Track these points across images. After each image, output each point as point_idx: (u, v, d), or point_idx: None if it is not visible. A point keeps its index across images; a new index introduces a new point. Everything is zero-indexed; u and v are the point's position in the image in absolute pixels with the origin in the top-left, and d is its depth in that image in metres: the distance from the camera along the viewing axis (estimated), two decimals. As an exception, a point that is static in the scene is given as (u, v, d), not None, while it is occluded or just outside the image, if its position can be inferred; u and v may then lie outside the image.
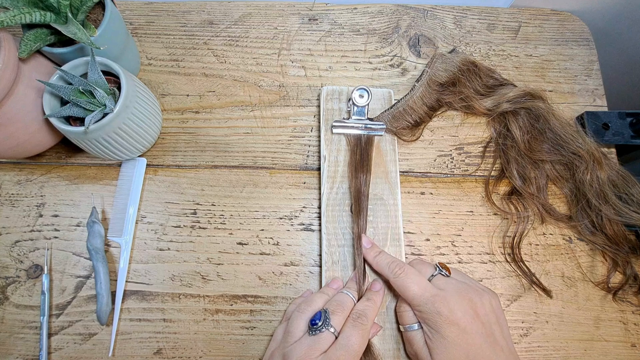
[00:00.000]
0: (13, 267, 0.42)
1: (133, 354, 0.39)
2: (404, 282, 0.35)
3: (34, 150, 0.42)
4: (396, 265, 0.37)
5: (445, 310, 0.33)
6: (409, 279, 0.35)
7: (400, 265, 0.36)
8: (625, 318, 0.41)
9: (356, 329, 0.33)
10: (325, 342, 0.32)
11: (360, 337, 0.33)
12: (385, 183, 0.44)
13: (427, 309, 0.33)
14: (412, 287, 0.35)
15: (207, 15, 0.53)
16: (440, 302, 0.33)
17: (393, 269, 0.36)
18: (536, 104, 0.45)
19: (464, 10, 0.54)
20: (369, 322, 0.34)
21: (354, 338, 0.32)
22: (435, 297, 0.34)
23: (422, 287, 0.35)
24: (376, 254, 0.39)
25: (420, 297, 0.34)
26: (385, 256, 0.38)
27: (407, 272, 0.36)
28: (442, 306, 0.33)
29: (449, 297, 0.33)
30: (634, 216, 0.41)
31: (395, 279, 0.36)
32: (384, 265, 0.37)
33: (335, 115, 0.46)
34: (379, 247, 0.41)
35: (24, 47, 0.36)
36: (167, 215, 0.44)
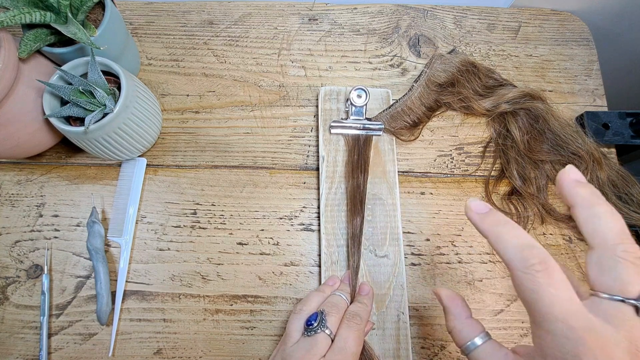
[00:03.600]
0: (13, 267, 0.42)
1: (133, 354, 0.39)
2: (538, 288, 0.22)
3: (34, 150, 0.42)
4: (536, 253, 0.23)
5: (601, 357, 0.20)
6: (551, 288, 0.22)
7: (543, 258, 0.22)
8: (625, 318, 0.41)
9: (351, 329, 0.33)
10: (322, 344, 0.32)
11: (356, 337, 0.32)
12: (384, 183, 0.44)
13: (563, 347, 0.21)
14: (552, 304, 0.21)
15: (207, 15, 0.53)
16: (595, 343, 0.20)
17: (528, 258, 0.22)
18: (535, 105, 0.45)
19: (464, 10, 0.54)
20: (363, 322, 0.34)
21: (350, 339, 0.32)
22: (588, 332, 0.21)
23: (572, 309, 0.21)
24: (498, 223, 0.25)
25: (560, 323, 0.21)
26: (517, 232, 0.24)
27: (551, 274, 0.22)
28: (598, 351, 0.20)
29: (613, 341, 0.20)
30: (634, 216, 0.41)
31: (526, 277, 0.22)
32: (512, 245, 0.23)
33: (333, 115, 0.46)
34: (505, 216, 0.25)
35: (24, 47, 0.36)
36: (167, 215, 0.44)
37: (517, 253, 0.23)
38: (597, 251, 0.23)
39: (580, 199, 0.24)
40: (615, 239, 0.22)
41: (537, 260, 0.22)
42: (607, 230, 0.22)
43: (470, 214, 0.27)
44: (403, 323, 0.39)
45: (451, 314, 0.29)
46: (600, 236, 0.23)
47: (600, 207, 0.23)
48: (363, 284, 0.39)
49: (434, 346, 0.40)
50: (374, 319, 0.39)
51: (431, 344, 0.40)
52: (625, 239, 0.22)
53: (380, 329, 0.39)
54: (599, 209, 0.23)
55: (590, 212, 0.23)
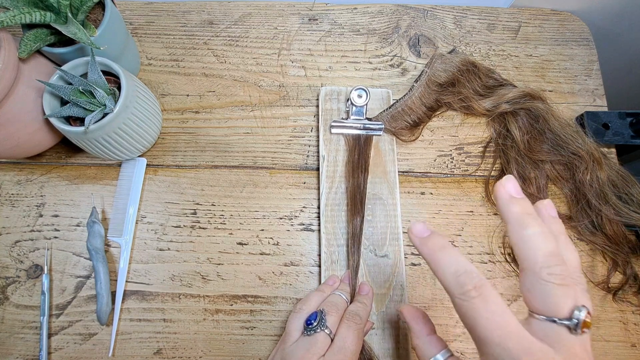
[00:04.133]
0: (13, 267, 0.42)
1: (133, 354, 0.39)
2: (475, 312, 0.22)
3: (34, 150, 0.42)
4: (470, 279, 0.23)
5: None
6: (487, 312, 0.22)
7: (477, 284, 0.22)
8: (625, 318, 0.41)
9: (351, 329, 0.33)
10: (321, 343, 0.32)
11: (356, 337, 0.32)
12: (384, 183, 0.44)
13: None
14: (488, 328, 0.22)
15: (207, 15, 0.53)
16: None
17: (464, 284, 0.23)
18: (535, 105, 0.45)
19: (464, 10, 0.54)
20: (362, 321, 0.34)
21: (349, 339, 0.32)
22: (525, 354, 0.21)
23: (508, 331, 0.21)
24: (438, 248, 0.25)
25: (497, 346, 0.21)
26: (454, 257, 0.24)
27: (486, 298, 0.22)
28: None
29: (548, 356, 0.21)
30: (634, 216, 0.41)
31: (462, 303, 0.23)
32: (448, 272, 0.24)
33: (334, 115, 0.46)
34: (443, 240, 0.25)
35: (24, 47, 0.36)
36: (167, 215, 0.44)
37: (454, 279, 0.23)
38: (526, 274, 0.23)
39: (513, 218, 0.23)
40: (542, 262, 0.22)
41: (472, 286, 0.22)
42: (535, 252, 0.22)
43: (412, 238, 0.26)
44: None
45: (413, 331, 0.29)
46: (528, 259, 0.23)
47: (530, 229, 0.23)
48: (363, 283, 0.39)
49: (434, 346, 0.40)
50: (374, 318, 0.39)
51: (431, 344, 0.40)
52: (552, 260, 0.22)
53: (380, 329, 0.39)
54: (529, 231, 0.23)
55: (520, 234, 0.23)
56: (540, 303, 0.22)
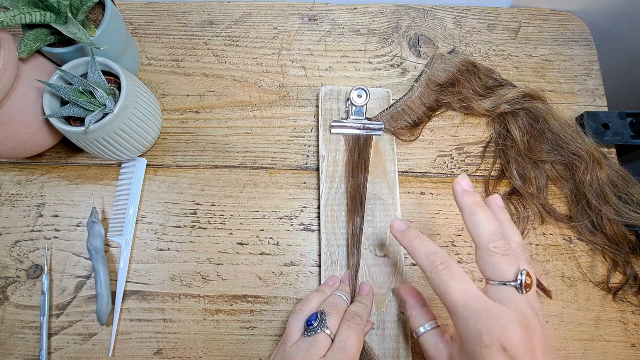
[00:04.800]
0: (13, 267, 0.42)
1: (133, 354, 0.39)
2: (443, 283, 0.28)
3: (34, 150, 0.42)
4: (438, 257, 0.29)
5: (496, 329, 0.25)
6: (453, 281, 0.28)
7: (443, 260, 0.29)
8: (625, 318, 0.41)
9: (351, 329, 0.33)
10: (322, 344, 0.32)
11: (356, 338, 0.32)
12: (384, 182, 0.44)
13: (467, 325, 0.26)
14: (454, 294, 0.27)
15: (207, 15, 0.53)
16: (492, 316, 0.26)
17: (433, 261, 0.29)
18: (535, 105, 0.45)
19: (464, 10, 0.54)
20: (363, 322, 0.34)
21: (350, 339, 0.32)
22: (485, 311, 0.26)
23: (469, 295, 0.27)
24: (413, 237, 0.32)
25: (464, 308, 0.27)
26: (425, 242, 0.31)
27: (451, 271, 0.28)
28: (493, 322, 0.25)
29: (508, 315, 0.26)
30: (634, 216, 0.41)
31: (433, 276, 0.29)
32: (421, 253, 0.30)
33: (333, 115, 0.46)
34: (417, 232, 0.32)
35: (24, 47, 0.36)
36: (167, 215, 0.44)
37: (426, 258, 0.30)
38: (478, 250, 0.29)
39: (466, 207, 0.30)
40: (487, 238, 0.28)
41: (439, 262, 0.29)
42: (482, 232, 0.29)
43: (393, 232, 0.34)
44: (403, 323, 0.39)
45: (408, 303, 0.35)
46: (478, 237, 0.29)
47: (479, 214, 0.29)
48: (363, 283, 0.39)
49: (434, 346, 0.40)
50: (374, 318, 0.39)
51: (431, 344, 0.40)
52: (495, 237, 0.28)
53: (380, 329, 0.39)
54: (478, 216, 0.29)
55: (472, 219, 0.29)
56: (490, 271, 0.28)
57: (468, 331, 0.26)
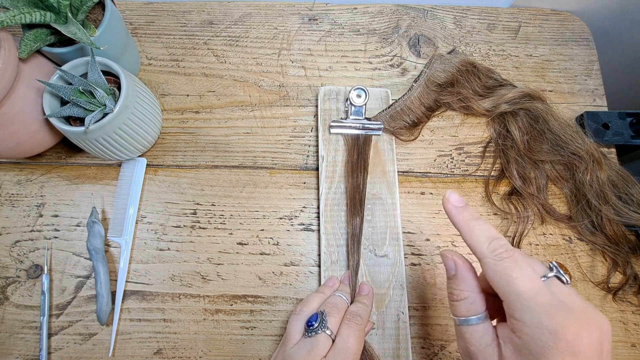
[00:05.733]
0: (13, 267, 0.42)
1: (133, 354, 0.39)
2: (508, 268, 0.25)
3: (34, 150, 0.42)
4: (502, 243, 0.27)
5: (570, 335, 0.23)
6: (518, 268, 0.25)
7: (508, 247, 0.27)
8: (625, 318, 0.41)
9: (352, 329, 0.33)
10: (323, 345, 0.32)
11: (357, 337, 0.32)
12: (383, 182, 0.44)
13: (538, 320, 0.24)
14: (521, 282, 0.25)
15: (207, 15, 0.53)
16: (564, 316, 0.23)
17: (496, 248, 0.27)
18: (535, 105, 0.45)
19: (464, 10, 0.54)
20: (363, 322, 0.34)
21: (351, 339, 0.32)
22: (554, 307, 0.24)
23: (537, 287, 0.25)
24: (472, 218, 0.29)
25: (531, 300, 0.24)
26: (485, 226, 0.28)
27: (516, 258, 0.26)
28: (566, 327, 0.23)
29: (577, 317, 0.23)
30: (634, 216, 0.41)
31: (496, 263, 0.26)
32: (481, 238, 0.28)
33: (333, 115, 0.46)
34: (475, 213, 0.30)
35: (24, 47, 0.36)
36: (167, 215, 0.44)
37: (487, 244, 0.27)
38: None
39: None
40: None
41: (504, 249, 0.27)
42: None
43: (448, 206, 0.30)
44: (403, 323, 0.39)
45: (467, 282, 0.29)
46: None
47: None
48: (363, 283, 0.39)
49: (434, 346, 0.40)
50: (374, 318, 0.39)
51: (431, 344, 0.40)
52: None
53: (380, 329, 0.39)
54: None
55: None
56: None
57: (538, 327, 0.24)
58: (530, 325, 0.24)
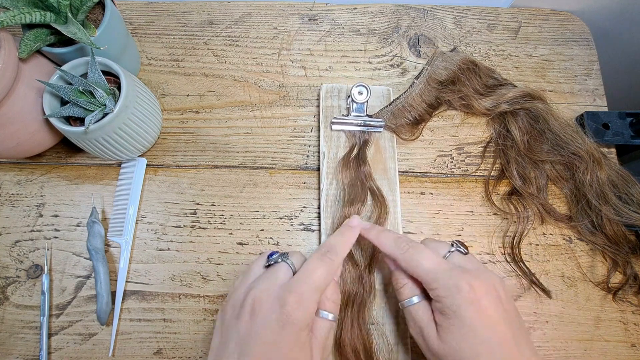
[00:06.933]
0: (13, 267, 0.42)
1: (133, 354, 0.39)
2: (413, 256, 0.32)
3: (34, 150, 0.42)
4: (404, 240, 0.33)
5: (466, 286, 0.29)
6: (420, 253, 0.32)
7: (408, 241, 0.33)
8: (625, 318, 0.41)
9: (323, 262, 0.31)
10: (283, 273, 0.31)
11: (326, 271, 0.30)
12: (384, 179, 0.44)
13: (444, 283, 0.30)
14: (424, 261, 0.31)
15: (207, 15, 0.53)
16: (460, 276, 0.30)
17: (400, 244, 0.33)
18: (535, 105, 0.45)
19: (464, 10, 0.54)
20: (338, 258, 0.32)
21: (318, 271, 0.30)
22: (453, 270, 0.30)
23: (437, 261, 0.31)
24: (379, 231, 0.35)
25: (435, 270, 0.31)
26: (390, 233, 0.35)
27: (416, 247, 0.32)
28: (462, 281, 0.29)
29: (471, 273, 0.30)
30: (634, 216, 0.41)
31: (403, 255, 0.32)
32: (390, 242, 0.34)
33: (334, 112, 0.46)
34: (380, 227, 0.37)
35: (24, 47, 0.36)
36: (167, 215, 0.44)
37: (394, 244, 0.33)
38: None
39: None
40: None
41: (405, 243, 0.33)
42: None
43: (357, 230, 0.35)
44: (402, 319, 0.39)
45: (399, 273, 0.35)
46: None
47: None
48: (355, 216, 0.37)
49: (434, 346, 0.40)
50: (374, 314, 0.39)
51: (431, 344, 0.40)
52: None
53: (379, 324, 0.39)
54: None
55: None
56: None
57: (446, 288, 0.30)
58: (441, 287, 0.30)
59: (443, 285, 0.30)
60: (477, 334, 0.28)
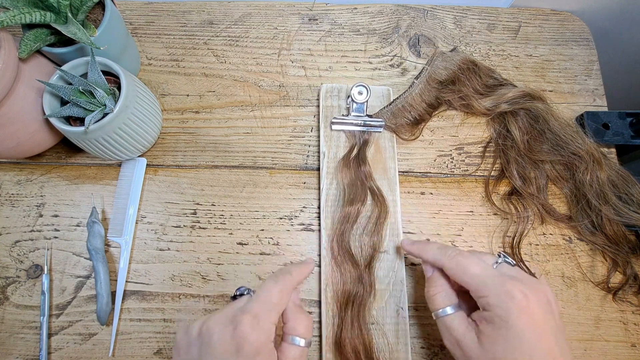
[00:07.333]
0: (13, 267, 0.42)
1: (133, 354, 0.39)
2: (461, 262, 0.31)
3: (34, 150, 0.42)
4: (450, 248, 0.34)
5: (519, 294, 0.28)
6: (468, 259, 0.31)
7: (454, 249, 0.33)
8: (625, 318, 0.41)
9: (276, 282, 0.30)
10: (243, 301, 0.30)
11: (279, 290, 0.30)
12: (384, 179, 0.44)
13: (495, 291, 0.29)
14: (473, 267, 0.31)
15: (207, 15, 0.53)
16: (512, 283, 0.29)
17: (447, 252, 0.33)
18: (535, 105, 0.45)
19: (464, 10, 0.54)
20: (293, 279, 0.32)
21: (273, 289, 0.30)
22: (504, 277, 0.30)
23: (486, 267, 0.31)
24: (423, 244, 0.36)
25: (485, 277, 0.30)
26: (434, 244, 0.35)
27: (464, 254, 0.32)
28: (515, 288, 0.28)
29: (523, 282, 0.29)
30: (634, 216, 0.41)
31: (450, 260, 0.32)
32: (435, 251, 0.34)
33: (334, 112, 0.46)
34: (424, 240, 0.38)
35: (24, 47, 0.36)
36: (167, 215, 0.44)
37: (439, 252, 0.34)
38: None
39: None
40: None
41: (452, 250, 0.33)
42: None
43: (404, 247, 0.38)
44: (402, 318, 0.39)
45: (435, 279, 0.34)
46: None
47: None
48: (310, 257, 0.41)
49: (434, 346, 0.40)
50: (374, 314, 0.39)
51: (431, 344, 0.40)
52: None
53: (379, 324, 0.39)
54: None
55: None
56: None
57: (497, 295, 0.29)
58: (491, 294, 0.29)
59: (494, 293, 0.29)
60: (526, 343, 0.27)
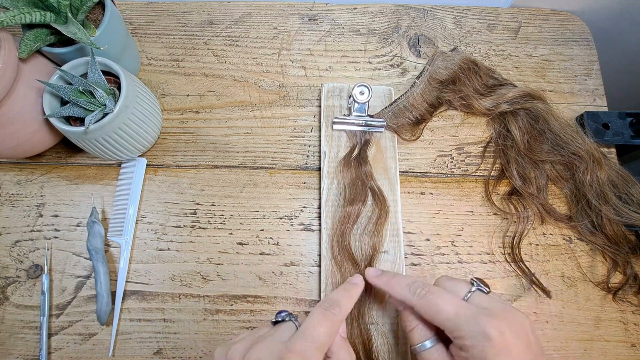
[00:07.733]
0: (13, 267, 0.42)
1: (133, 354, 0.39)
2: (431, 301, 0.29)
3: (34, 150, 0.42)
4: (418, 285, 0.31)
5: (495, 333, 0.26)
6: (439, 297, 0.29)
7: (423, 285, 0.31)
8: (625, 318, 0.41)
9: (325, 317, 0.29)
10: (286, 329, 0.29)
11: (329, 328, 0.28)
12: (385, 179, 0.44)
13: (470, 331, 0.27)
14: (445, 307, 0.29)
15: (207, 15, 0.53)
16: (487, 321, 0.27)
17: (415, 290, 0.31)
18: (535, 105, 0.45)
19: (464, 10, 0.54)
20: (341, 313, 0.30)
21: (321, 327, 0.28)
22: (479, 315, 0.27)
23: (459, 305, 0.29)
24: (389, 277, 0.34)
25: (458, 317, 0.28)
26: (402, 278, 0.33)
27: (433, 291, 0.30)
28: (491, 327, 0.27)
29: (498, 317, 0.27)
30: (634, 216, 0.41)
31: (420, 300, 0.30)
32: (402, 286, 0.32)
33: (335, 112, 0.46)
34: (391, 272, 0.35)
35: (24, 47, 0.36)
36: (167, 215, 0.44)
37: (408, 289, 0.31)
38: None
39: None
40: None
41: (421, 288, 0.31)
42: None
43: (369, 279, 0.35)
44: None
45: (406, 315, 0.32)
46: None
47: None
48: (357, 274, 0.37)
49: (434, 346, 0.40)
50: (373, 314, 0.39)
51: (431, 344, 0.40)
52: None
53: (379, 325, 0.39)
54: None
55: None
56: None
57: (472, 337, 0.27)
58: (467, 336, 0.27)
59: (469, 334, 0.27)
60: None
